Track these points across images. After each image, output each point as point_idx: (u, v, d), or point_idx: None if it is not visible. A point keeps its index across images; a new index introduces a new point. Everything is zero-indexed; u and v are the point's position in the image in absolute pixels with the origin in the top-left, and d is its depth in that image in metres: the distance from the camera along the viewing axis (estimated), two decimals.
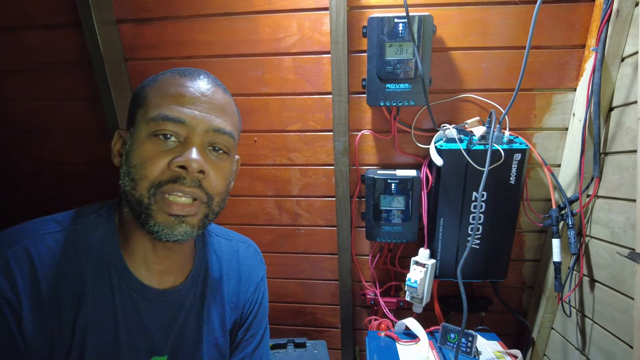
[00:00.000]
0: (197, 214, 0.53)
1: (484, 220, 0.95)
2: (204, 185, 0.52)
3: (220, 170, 0.54)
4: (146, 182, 0.49)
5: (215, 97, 0.54)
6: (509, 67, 0.96)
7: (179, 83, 0.53)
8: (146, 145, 0.50)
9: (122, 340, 0.54)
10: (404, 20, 0.87)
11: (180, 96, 0.51)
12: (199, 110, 0.52)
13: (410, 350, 0.95)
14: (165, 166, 0.50)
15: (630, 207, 0.79)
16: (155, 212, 0.50)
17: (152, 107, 0.51)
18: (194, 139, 0.51)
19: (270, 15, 0.98)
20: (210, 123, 0.52)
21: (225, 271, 0.66)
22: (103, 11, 0.97)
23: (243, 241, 0.72)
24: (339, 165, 1.05)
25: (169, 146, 0.50)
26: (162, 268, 0.57)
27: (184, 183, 0.50)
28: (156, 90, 0.53)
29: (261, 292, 0.71)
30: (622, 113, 0.83)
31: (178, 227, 0.51)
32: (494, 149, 0.87)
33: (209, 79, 0.56)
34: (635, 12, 0.80)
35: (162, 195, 0.50)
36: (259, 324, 0.70)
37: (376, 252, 1.14)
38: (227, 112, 0.55)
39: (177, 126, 0.50)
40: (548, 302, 1.04)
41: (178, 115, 0.50)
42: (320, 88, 1.02)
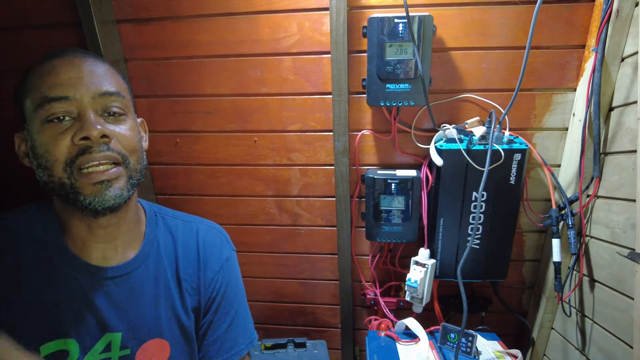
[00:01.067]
0: (120, 176, 0.54)
1: (484, 220, 0.95)
2: (113, 147, 0.53)
3: (123, 128, 0.55)
4: (58, 165, 0.51)
5: (92, 66, 0.54)
6: (509, 67, 0.96)
7: (53, 64, 0.53)
8: (44, 132, 0.51)
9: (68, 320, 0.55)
10: (404, 21, 0.87)
11: (55, 75, 0.52)
12: (80, 81, 0.52)
13: (410, 350, 0.95)
14: (70, 143, 0.51)
15: (630, 207, 0.79)
16: (81, 187, 0.51)
17: (35, 96, 0.52)
18: (85, 109, 0.52)
19: (270, 15, 0.98)
20: (93, 89, 0.53)
21: (181, 252, 0.66)
22: (103, 11, 0.97)
23: (204, 223, 0.72)
24: (339, 165, 1.05)
25: (65, 126, 0.51)
26: (103, 247, 0.58)
27: (93, 151, 0.51)
28: (33, 79, 0.53)
29: (227, 273, 0.70)
30: (622, 113, 0.83)
31: (107, 192, 0.52)
32: (494, 149, 0.87)
33: (81, 52, 0.56)
34: (635, 12, 0.80)
35: (80, 171, 0.51)
36: (228, 305, 0.69)
37: (376, 252, 1.14)
38: (108, 75, 0.56)
39: (64, 104, 0.51)
40: (548, 302, 1.04)
41: (60, 93, 0.51)
42: (320, 88, 1.02)
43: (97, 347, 0.56)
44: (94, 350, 0.56)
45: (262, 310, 1.28)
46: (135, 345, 0.59)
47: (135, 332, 0.59)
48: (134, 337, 0.59)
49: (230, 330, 0.68)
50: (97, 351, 0.56)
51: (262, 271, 1.22)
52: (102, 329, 0.57)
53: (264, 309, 1.27)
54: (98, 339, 0.57)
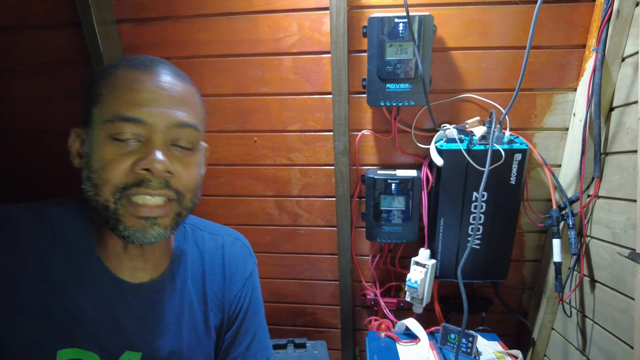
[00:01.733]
0: (169, 214, 0.51)
1: (485, 221, 0.95)
2: (173, 184, 0.50)
3: (187, 166, 0.52)
4: (110, 187, 0.47)
5: (174, 88, 0.51)
6: (509, 67, 0.96)
7: (133, 78, 0.49)
8: (105, 148, 0.48)
9: (89, 331, 0.52)
10: (404, 20, 0.87)
11: (136, 92, 0.48)
12: (158, 105, 0.48)
13: (410, 351, 0.95)
14: (128, 169, 0.47)
15: (630, 208, 0.79)
16: (124, 217, 0.48)
17: (107, 107, 0.48)
18: (155, 138, 0.48)
19: (270, 15, 0.97)
20: (170, 118, 0.49)
21: (208, 267, 0.63)
22: (103, 11, 0.97)
23: (229, 235, 0.69)
24: (339, 165, 1.05)
25: (130, 147, 0.48)
26: (135, 265, 0.56)
27: (150, 185, 0.48)
28: (110, 87, 0.49)
29: (250, 288, 0.68)
30: (622, 113, 0.83)
31: (150, 229, 0.49)
32: (495, 149, 0.87)
33: (166, 69, 0.52)
34: (636, 12, 0.80)
35: (128, 199, 0.48)
36: (250, 321, 0.68)
37: (376, 252, 1.14)
38: (189, 103, 0.52)
39: (136, 126, 0.47)
40: (548, 303, 1.04)
41: (136, 115, 0.47)
42: (320, 88, 1.02)
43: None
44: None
45: None
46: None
47: (155, 352, 0.57)
48: (154, 357, 0.57)
49: (251, 348, 0.67)
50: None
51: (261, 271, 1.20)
52: (122, 346, 0.55)
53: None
54: (117, 357, 0.54)
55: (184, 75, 0.54)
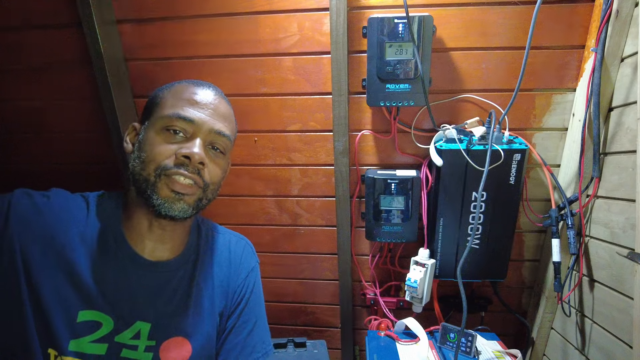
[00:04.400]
0: (194, 195, 0.62)
1: (484, 220, 0.95)
2: (202, 174, 0.61)
3: (216, 164, 0.64)
4: (154, 164, 0.59)
5: (220, 105, 0.65)
6: (509, 68, 0.96)
7: (192, 90, 0.63)
8: (159, 136, 0.60)
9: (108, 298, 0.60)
10: (404, 21, 0.87)
11: (192, 101, 0.62)
12: (206, 114, 0.62)
13: (410, 350, 0.95)
14: (172, 154, 0.59)
15: (629, 207, 0.80)
16: (160, 188, 0.59)
17: (168, 107, 0.61)
18: (198, 136, 0.61)
19: (271, 16, 0.98)
20: (213, 125, 0.62)
21: (216, 260, 0.73)
22: (103, 11, 0.97)
23: (235, 235, 0.80)
24: (339, 165, 1.05)
25: (177, 139, 0.60)
26: (154, 244, 0.65)
27: (186, 169, 0.59)
28: (172, 94, 0.63)
29: (252, 281, 0.76)
30: (621, 113, 0.83)
31: (177, 202, 0.60)
32: (494, 149, 0.87)
33: (216, 90, 0.67)
34: (635, 12, 0.80)
35: (166, 176, 0.59)
36: (251, 312, 0.74)
37: (376, 252, 1.14)
38: (228, 119, 0.66)
39: (187, 124, 0.60)
40: (548, 302, 1.04)
41: (189, 115, 0.60)
42: (320, 88, 1.02)
43: (127, 333, 0.61)
44: (124, 335, 0.61)
45: None
46: (161, 339, 0.63)
47: (163, 326, 0.64)
48: (162, 331, 0.63)
49: (250, 337, 0.73)
50: (126, 337, 0.61)
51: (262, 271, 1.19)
52: (135, 316, 0.62)
53: None
54: (130, 325, 0.61)
55: (228, 100, 0.69)
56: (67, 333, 0.57)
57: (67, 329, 0.57)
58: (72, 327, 0.57)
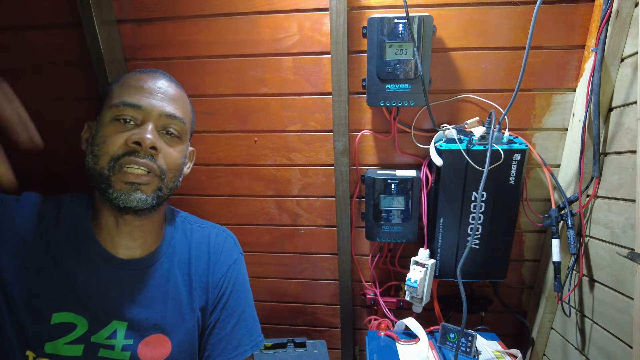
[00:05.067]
0: (151, 184, 0.60)
1: (484, 221, 0.95)
2: (157, 160, 0.60)
3: (172, 149, 0.63)
4: (106, 157, 0.57)
5: (169, 89, 0.64)
6: (509, 68, 0.96)
7: (139, 77, 0.63)
8: (108, 127, 0.59)
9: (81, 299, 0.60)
10: (404, 21, 0.87)
11: (140, 88, 0.61)
12: (155, 98, 0.61)
13: (410, 350, 0.95)
14: (123, 142, 0.58)
15: (629, 208, 0.80)
16: (114, 182, 0.58)
17: (116, 96, 0.60)
18: (148, 120, 0.60)
19: (271, 16, 0.98)
20: (163, 109, 0.61)
21: (194, 254, 0.71)
22: (103, 11, 0.97)
23: (215, 227, 0.78)
24: (339, 165, 1.05)
25: (128, 128, 0.59)
26: (125, 242, 0.64)
27: (138, 156, 0.58)
28: (120, 85, 0.62)
29: (234, 274, 0.74)
30: (621, 113, 0.83)
31: (134, 193, 0.58)
32: (494, 149, 0.87)
33: (166, 76, 0.65)
34: (635, 12, 0.80)
35: (120, 167, 0.58)
36: (235, 305, 0.73)
37: (376, 252, 1.14)
38: (179, 102, 0.64)
39: (135, 111, 0.59)
40: (548, 302, 1.04)
41: (136, 101, 0.59)
42: (320, 88, 1.02)
43: (103, 333, 0.60)
44: (100, 335, 0.60)
45: (262, 310, 1.27)
46: (138, 337, 0.63)
47: (140, 324, 0.63)
48: (139, 329, 0.63)
49: (236, 330, 0.71)
50: (102, 336, 0.60)
51: (262, 271, 1.22)
52: (110, 315, 0.61)
53: (264, 309, 1.27)
54: (105, 325, 0.61)
55: (178, 84, 0.67)
56: (41, 335, 0.57)
57: (41, 332, 0.57)
58: (47, 329, 0.57)
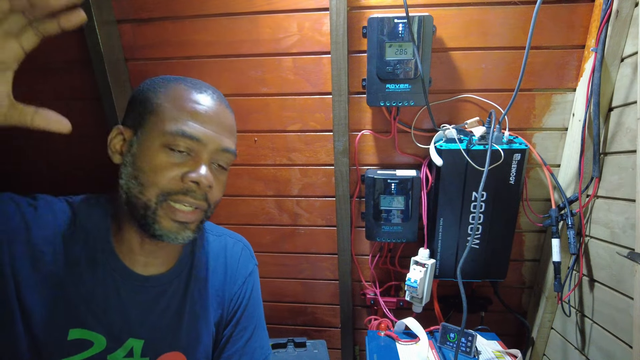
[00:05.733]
0: (197, 220, 0.57)
1: (484, 220, 0.95)
2: (209, 197, 0.57)
3: (220, 183, 0.60)
4: (156, 189, 0.52)
5: (225, 116, 0.58)
6: (509, 67, 0.96)
7: (194, 99, 0.55)
8: (159, 154, 0.53)
9: (98, 315, 0.56)
10: (404, 21, 0.87)
11: (197, 114, 0.54)
12: (212, 129, 0.55)
13: (410, 350, 0.95)
14: (178, 178, 0.53)
15: (629, 207, 0.80)
16: (162, 218, 0.53)
17: (169, 120, 0.53)
18: (204, 155, 0.55)
19: (271, 16, 0.98)
20: (220, 142, 0.56)
21: (211, 266, 0.68)
22: (103, 11, 0.97)
23: (232, 236, 0.74)
24: (339, 165, 1.05)
25: (180, 159, 0.54)
26: (146, 259, 0.60)
27: (194, 196, 0.54)
28: (171, 102, 0.54)
29: (250, 287, 0.72)
30: (621, 113, 0.83)
31: (182, 232, 0.55)
32: (494, 149, 0.87)
33: (217, 96, 0.59)
34: (635, 12, 0.80)
35: (168, 203, 0.53)
36: (249, 318, 0.71)
37: (376, 252, 1.14)
38: (233, 132, 0.60)
39: (193, 143, 0.54)
40: (548, 302, 1.04)
41: (195, 133, 0.53)
42: (320, 88, 1.02)
43: (119, 352, 0.58)
44: (117, 354, 0.58)
45: None
46: (154, 355, 0.61)
47: (156, 342, 0.61)
48: (155, 347, 0.61)
49: (249, 344, 0.70)
50: (119, 356, 0.58)
51: (262, 271, 1.22)
52: (127, 333, 0.59)
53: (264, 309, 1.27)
54: (122, 342, 0.58)
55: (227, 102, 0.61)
56: (57, 352, 0.54)
57: (57, 348, 0.54)
58: (63, 346, 0.54)
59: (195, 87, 0.57)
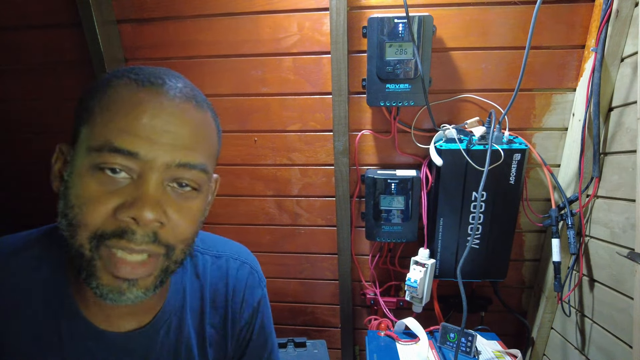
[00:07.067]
0: (152, 273, 0.41)
1: (484, 220, 0.95)
2: (162, 236, 0.40)
3: (186, 212, 0.42)
4: (86, 232, 0.38)
5: (184, 116, 0.40)
6: (509, 67, 0.96)
7: (136, 99, 0.39)
8: (88, 181, 0.38)
9: None
10: (404, 21, 0.87)
11: (135, 118, 0.38)
12: (160, 136, 0.38)
13: (410, 350, 0.95)
14: (111, 213, 0.38)
15: (629, 207, 0.80)
16: (99, 271, 0.39)
17: (97, 131, 0.38)
18: (150, 177, 0.38)
19: (271, 16, 0.98)
20: (173, 156, 0.39)
21: (208, 297, 0.54)
22: (103, 11, 0.97)
23: (235, 257, 0.59)
24: (339, 165, 1.05)
25: (118, 185, 0.38)
26: (120, 312, 0.46)
27: (134, 239, 0.38)
28: (105, 105, 0.39)
29: (259, 318, 0.60)
30: (621, 113, 0.83)
31: (128, 292, 0.40)
32: (494, 149, 0.87)
33: (178, 89, 0.41)
34: (635, 12, 0.80)
35: (108, 249, 0.39)
36: (259, 351, 0.61)
37: (376, 251, 1.14)
38: (200, 136, 0.42)
39: (129, 160, 0.37)
40: (548, 302, 1.04)
41: (130, 146, 0.37)
42: (320, 88, 1.02)
43: None
44: None
45: None
46: None
47: None
48: None
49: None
50: None
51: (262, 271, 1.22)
52: None
53: None
54: None
55: (201, 96, 0.44)
56: None
57: None
58: None
59: (143, 81, 0.40)
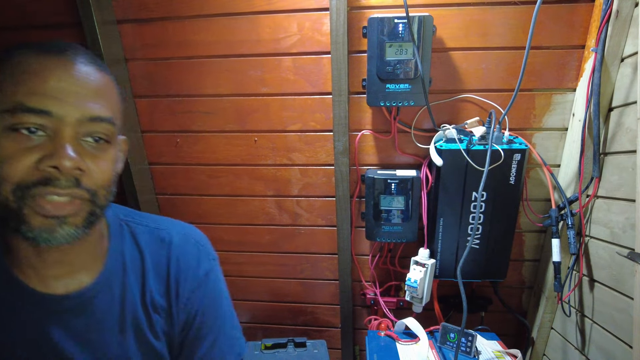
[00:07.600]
0: (80, 212, 0.45)
1: (484, 220, 0.95)
2: (84, 182, 0.44)
3: (100, 161, 0.46)
4: (9, 185, 0.41)
5: (88, 77, 0.45)
6: (509, 67, 0.96)
7: (42, 62, 0.43)
8: (4, 142, 0.41)
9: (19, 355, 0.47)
10: (404, 21, 0.87)
11: (42, 80, 0.42)
12: (69, 95, 0.43)
13: (410, 350, 0.95)
14: (32, 165, 0.42)
15: (629, 207, 0.80)
16: (28, 216, 0.42)
17: (8, 95, 0.42)
18: (65, 131, 0.43)
19: (271, 16, 0.98)
20: (83, 111, 0.44)
21: (149, 266, 0.56)
22: (103, 11, 0.97)
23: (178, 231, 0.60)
24: (339, 165, 1.05)
25: (35, 141, 0.42)
26: (56, 273, 0.49)
27: (58, 184, 0.42)
28: (12, 71, 0.43)
29: (205, 291, 0.60)
30: (621, 113, 0.83)
31: (59, 229, 0.44)
32: (494, 149, 0.87)
33: (80, 55, 0.46)
34: (635, 12, 0.80)
35: (32, 197, 0.42)
36: (210, 325, 0.60)
37: (376, 251, 1.14)
38: (105, 94, 0.47)
39: (42, 118, 0.42)
40: (548, 302, 1.04)
41: (41, 105, 0.41)
42: (320, 88, 1.02)
43: None
44: None
45: (262, 310, 1.28)
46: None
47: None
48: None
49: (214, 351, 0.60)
50: None
51: (262, 271, 1.22)
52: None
53: (264, 309, 1.27)
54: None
55: (101, 63, 0.49)
56: None
57: None
58: None
59: (46, 49, 0.45)
